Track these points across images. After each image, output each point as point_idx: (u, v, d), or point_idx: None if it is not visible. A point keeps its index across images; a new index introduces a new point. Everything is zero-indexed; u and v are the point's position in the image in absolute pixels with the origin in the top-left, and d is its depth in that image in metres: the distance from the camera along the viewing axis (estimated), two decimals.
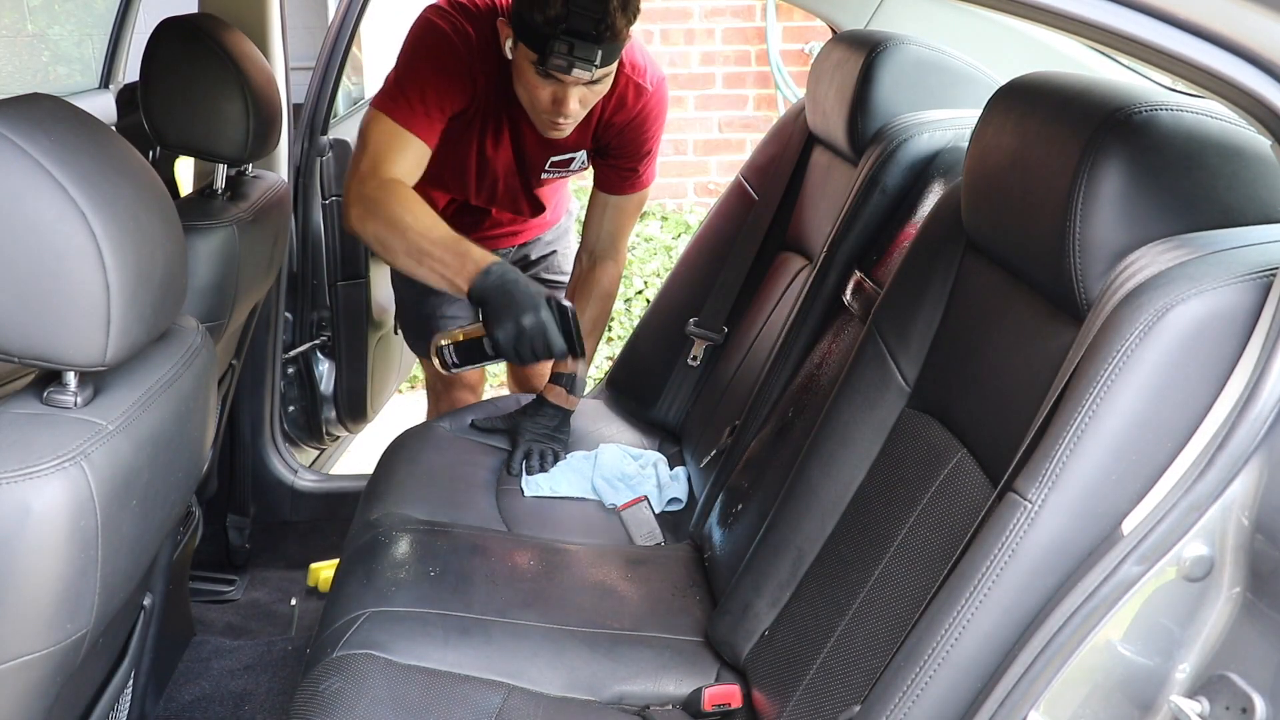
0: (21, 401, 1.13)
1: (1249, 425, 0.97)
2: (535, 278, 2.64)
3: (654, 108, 2.20)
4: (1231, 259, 1.04)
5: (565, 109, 1.98)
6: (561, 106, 1.98)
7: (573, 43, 1.85)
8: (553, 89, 1.96)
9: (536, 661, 1.62)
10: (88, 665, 1.27)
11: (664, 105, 2.22)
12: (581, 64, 1.87)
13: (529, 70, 1.94)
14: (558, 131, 2.06)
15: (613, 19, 1.86)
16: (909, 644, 1.16)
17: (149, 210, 1.13)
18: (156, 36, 1.87)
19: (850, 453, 1.55)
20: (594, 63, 1.88)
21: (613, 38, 1.88)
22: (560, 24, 1.84)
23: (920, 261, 1.54)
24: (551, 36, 1.86)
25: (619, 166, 2.25)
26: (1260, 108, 0.96)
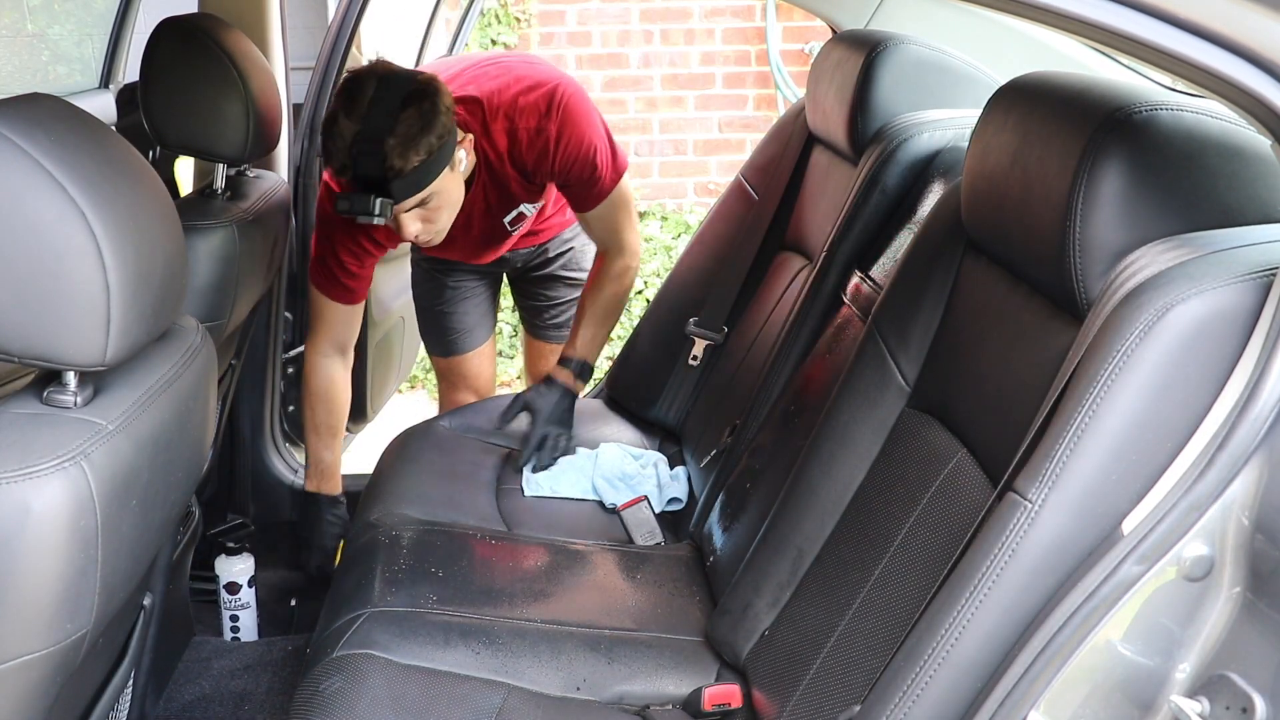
0: (21, 401, 1.13)
1: (1249, 425, 0.97)
2: (552, 275, 2.66)
3: (571, 135, 2.06)
4: (1232, 259, 1.04)
5: (405, 233, 1.95)
6: (402, 232, 1.95)
7: (352, 197, 1.82)
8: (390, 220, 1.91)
9: (536, 661, 1.62)
10: (88, 665, 1.27)
11: (579, 122, 2.06)
12: (365, 216, 1.83)
13: None
14: (428, 243, 2.03)
15: (393, 162, 1.80)
16: (909, 644, 1.16)
17: (149, 210, 1.13)
18: (156, 36, 1.87)
19: (850, 453, 1.55)
20: (374, 213, 1.82)
21: (400, 177, 1.82)
22: (347, 173, 1.82)
23: (920, 261, 1.54)
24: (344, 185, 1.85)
25: (576, 191, 2.17)
26: (1260, 108, 0.96)
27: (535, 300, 2.72)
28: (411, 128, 1.80)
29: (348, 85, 1.84)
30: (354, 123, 1.79)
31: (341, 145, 1.80)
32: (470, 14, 3.98)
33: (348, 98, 1.81)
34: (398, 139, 1.79)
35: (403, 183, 1.83)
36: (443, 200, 1.94)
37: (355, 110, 1.79)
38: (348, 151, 1.80)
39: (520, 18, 5.14)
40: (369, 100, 1.80)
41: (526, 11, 5.13)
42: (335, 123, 1.81)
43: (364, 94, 1.80)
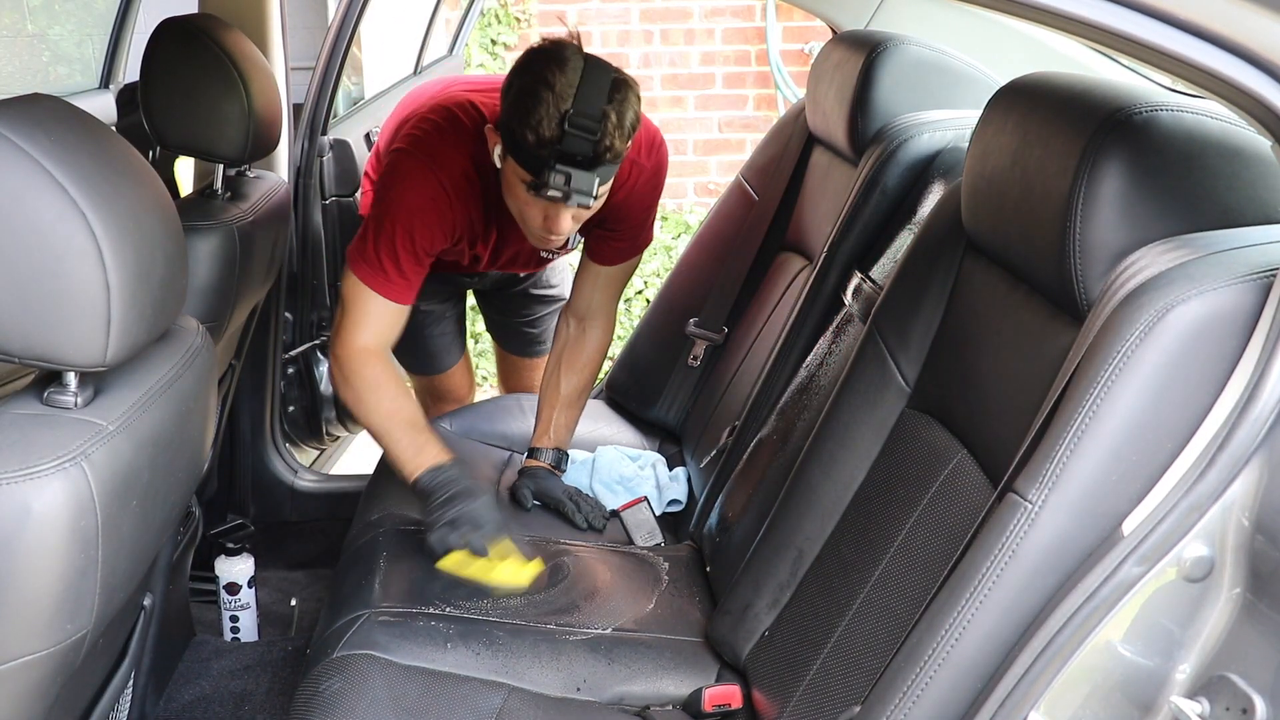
0: (22, 402, 1.13)
1: (1249, 426, 0.97)
2: (524, 293, 2.62)
3: (652, 182, 2.02)
4: (1232, 259, 1.04)
5: (557, 227, 1.81)
6: (554, 225, 1.81)
7: (569, 172, 1.69)
8: (544, 207, 1.79)
9: (536, 661, 1.62)
10: (88, 665, 1.27)
11: (663, 173, 2.05)
12: (579, 195, 1.70)
13: (520, 187, 1.77)
14: (550, 246, 1.95)
15: (611, 141, 1.68)
16: (909, 644, 1.16)
17: (149, 210, 1.13)
18: (156, 36, 1.87)
19: (850, 453, 1.55)
20: (592, 193, 1.71)
21: (611, 160, 1.71)
22: (555, 146, 1.67)
23: (920, 262, 1.54)
24: (545, 161, 1.69)
25: (613, 239, 2.07)
26: (1260, 108, 0.96)
27: (508, 317, 2.71)
28: (625, 110, 1.70)
29: (550, 55, 1.71)
30: (567, 95, 1.66)
31: (551, 117, 1.65)
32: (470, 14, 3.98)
33: (556, 67, 1.68)
34: (616, 118, 1.68)
35: (609, 168, 1.72)
36: (601, 202, 1.81)
37: (567, 82, 1.66)
38: (558, 125, 1.65)
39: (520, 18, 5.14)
40: (580, 75, 1.67)
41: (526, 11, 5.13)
42: (538, 92, 1.66)
43: (573, 66, 1.68)
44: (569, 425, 2.16)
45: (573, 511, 2.04)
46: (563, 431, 2.15)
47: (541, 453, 2.13)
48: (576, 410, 2.17)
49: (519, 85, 1.71)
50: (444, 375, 2.72)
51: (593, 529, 2.03)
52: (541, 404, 2.18)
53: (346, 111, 3.10)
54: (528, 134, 1.67)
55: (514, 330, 2.73)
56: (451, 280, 2.49)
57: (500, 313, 2.73)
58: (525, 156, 1.71)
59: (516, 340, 2.75)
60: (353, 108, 3.24)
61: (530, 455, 2.15)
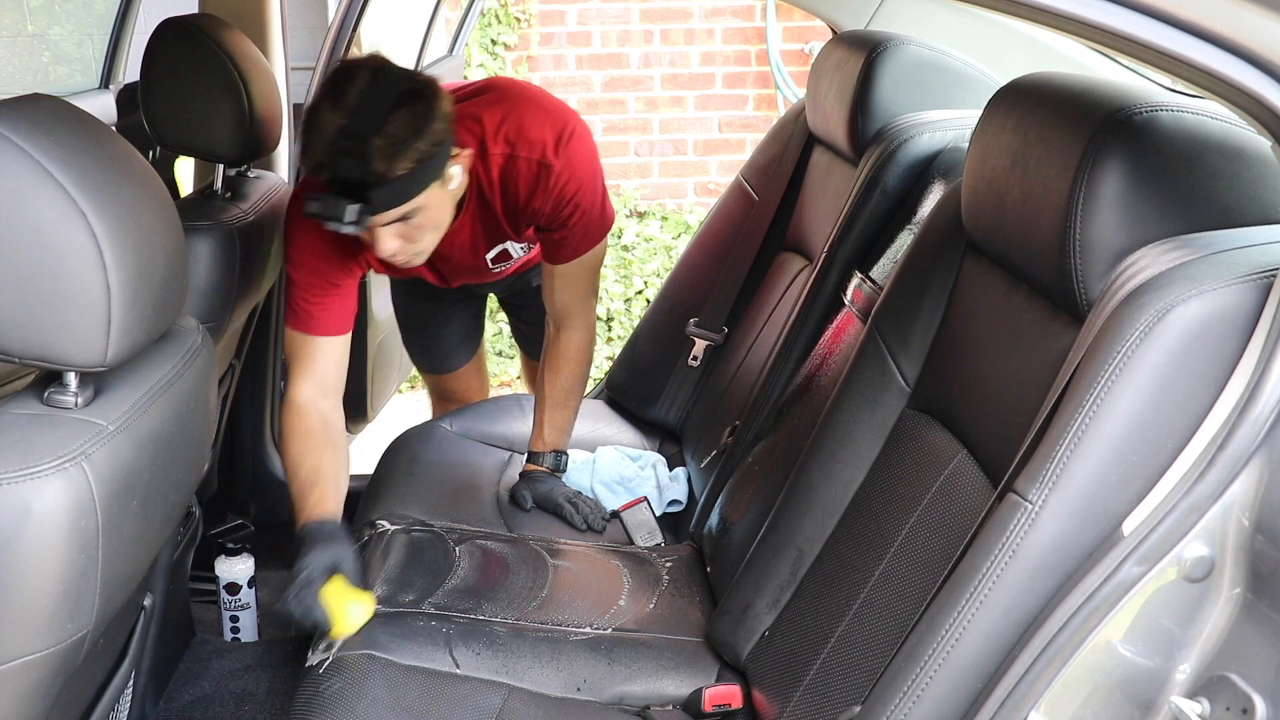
0: (22, 402, 1.13)
1: (1249, 426, 0.97)
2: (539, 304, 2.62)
3: (571, 176, 1.89)
4: (1232, 260, 1.04)
5: (378, 249, 1.74)
6: (376, 248, 1.74)
7: (323, 199, 1.63)
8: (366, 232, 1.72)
9: (537, 662, 1.62)
10: (88, 665, 1.27)
11: (586, 166, 1.91)
12: (333, 221, 1.63)
13: None
14: (403, 265, 1.87)
15: (377, 165, 1.60)
16: (909, 644, 1.16)
17: (149, 210, 1.13)
18: (156, 36, 1.87)
19: (850, 453, 1.55)
20: (345, 220, 1.63)
21: (380, 182, 1.62)
22: (325, 171, 1.62)
23: (920, 262, 1.54)
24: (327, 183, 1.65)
25: (559, 238, 1.98)
26: (1260, 108, 0.96)
27: (530, 326, 2.70)
28: (402, 130, 1.61)
29: (336, 76, 1.65)
30: (339, 117, 1.59)
31: (321, 140, 1.61)
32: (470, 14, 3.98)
33: (335, 89, 1.62)
34: (385, 140, 1.60)
35: (385, 191, 1.63)
36: (427, 218, 1.74)
37: (342, 103, 1.60)
38: (327, 148, 1.60)
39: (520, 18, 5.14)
40: (359, 93, 1.61)
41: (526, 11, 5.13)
42: (317, 114, 1.62)
43: (353, 86, 1.61)
44: (562, 426, 2.14)
45: (571, 514, 2.04)
46: (557, 433, 2.14)
47: (538, 456, 2.13)
48: (568, 411, 2.15)
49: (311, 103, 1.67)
50: (452, 375, 2.72)
51: (592, 530, 2.03)
52: (535, 408, 2.18)
53: None
54: (306, 160, 1.65)
55: (534, 334, 2.73)
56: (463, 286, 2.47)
57: (521, 320, 2.74)
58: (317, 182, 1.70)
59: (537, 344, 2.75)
60: None
61: (529, 459, 2.15)
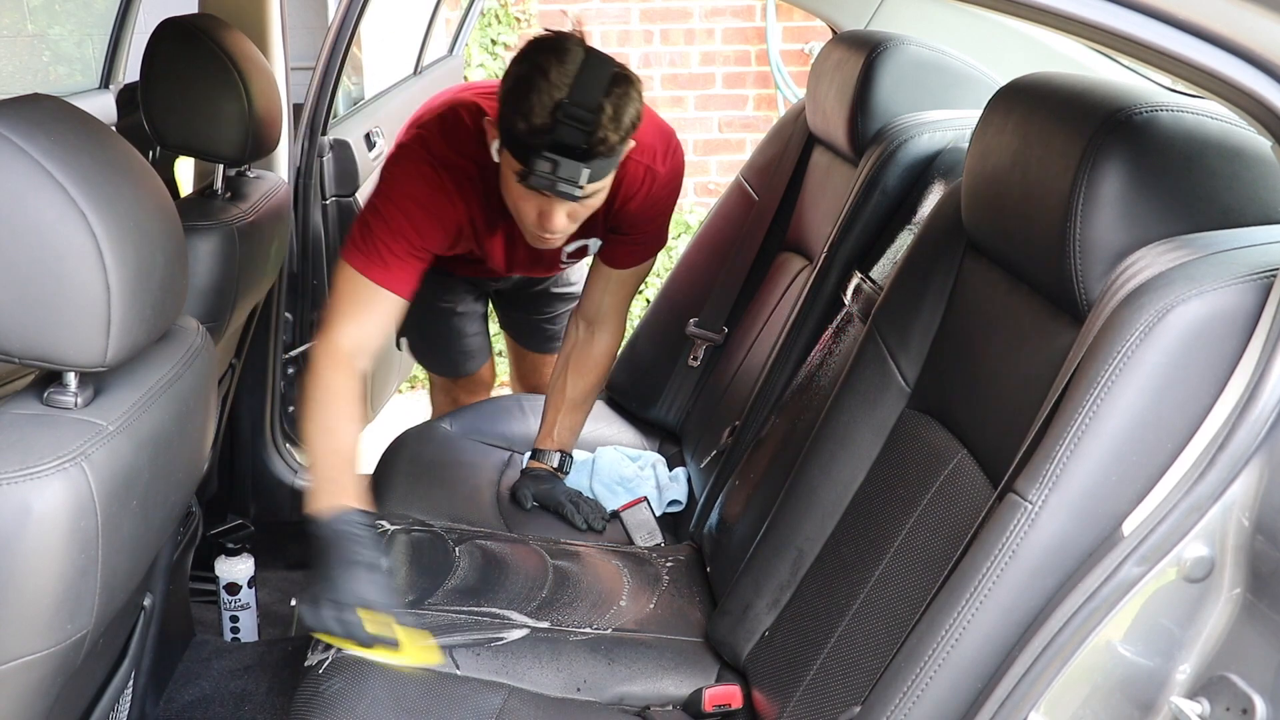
0: (22, 402, 1.13)
1: (1249, 426, 0.97)
2: (545, 292, 2.61)
3: (668, 187, 1.99)
4: (1232, 260, 1.04)
5: (550, 225, 1.77)
6: (546, 222, 1.77)
7: (557, 160, 1.64)
8: (538, 203, 1.75)
9: (537, 662, 1.62)
10: (88, 666, 1.27)
11: (679, 180, 2.01)
12: (566, 184, 1.66)
13: (512, 180, 1.74)
14: (545, 245, 1.89)
15: (604, 133, 1.64)
16: (909, 644, 1.16)
17: (149, 211, 1.13)
18: (156, 36, 1.87)
19: (850, 453, 1.55)
20: (578, 183, 1.66)
21: (605, 153, 1.67)
22: (545, 135, 1.63)
23: (920, 262, 1.54)
24: (535, 149, 1.65)
25: (628, 243, 2.04)
26: (1260, 108, 0.96)
27: (527, 315, 2.70)
28: (623, 104, 1.65)
29: (550, 45, 1.67)
30: (562, 84, 1.62)
31: (544, 105, 1.62)
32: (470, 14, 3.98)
33: (555, 57, 1.64)
34: (613, 111, 1.64)
35: (602, 162, 1.68)
36: (599, 198, 1.78)
37: (562, 71, 1.63)
38: (551, 113, 1.62)
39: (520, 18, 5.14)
40: (579, 64, 1.64)
41: (526, 11, 5.13)
42: (534, 80, 1.63)
43: (570, 58, 1.64)
44: (574, 428, 2.15)
45: (572, 514, 2.04)
46: (567, 434, 2.14)
47: (544, 454, 2.13)
48: (582, 413, 2.16)
49: (515, 74, 1.68)
50: (472, 377, 2.72)
51: (592, 530, 2.03)
52: (547, 405, 2.17)
53: (346, 111, 3.10)
54: (519, 121, 1.65)
55: (532, 326, 2.73)
56: (480, 283, 2.50)
57: (519, 310, 2.72)
58: (517, 145, 1.68)
59: (535, 337, 2.74)
60: (353, 108, 3.24)
61: (533, 456, 2.15)
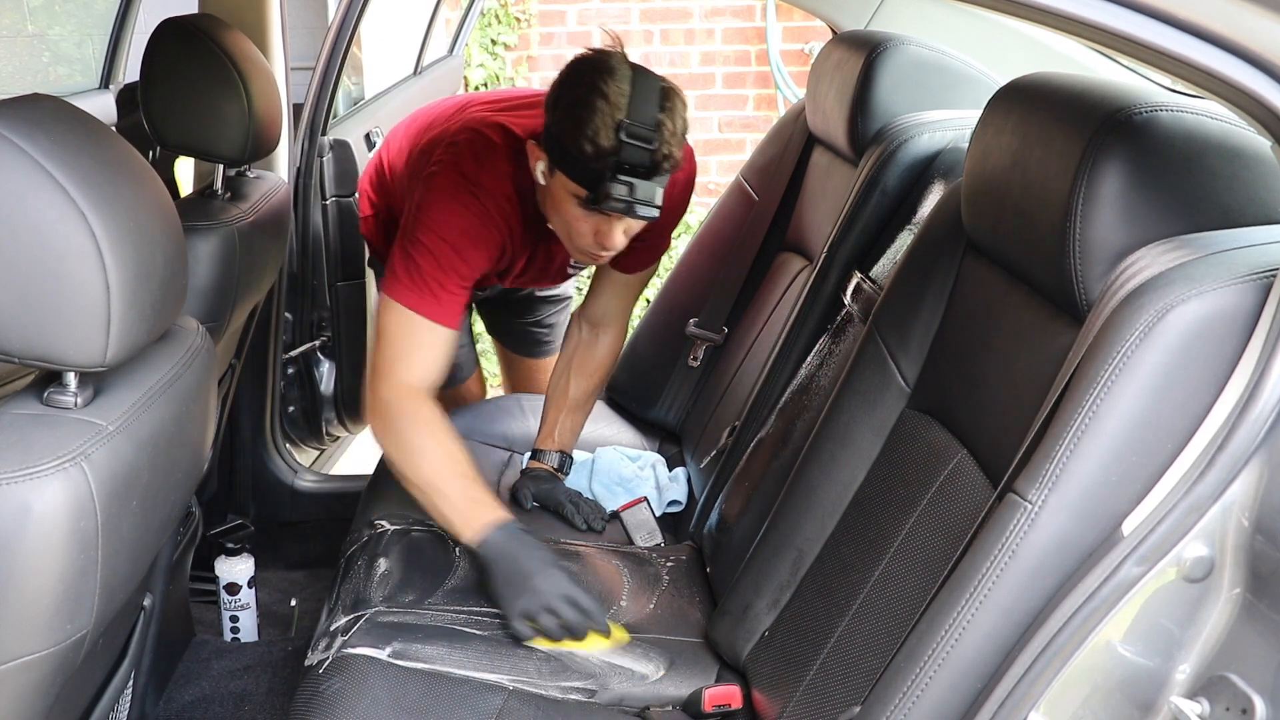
0: (21, 402, 1.13)
1: (1249, 426, 0.97)
2: (530, 296, 2.61)
3: (684, 193, 1.99)
4: (1232, 260, 1.04)
5: (610, 242, 1.74)
6: (605, 240, 1.74)
7: (631, 183, 1.62)
8: (596, 222, 1.72)
9: (536, 662, 1.62)
10: (88, 666, 1.27)
11: (692, 185, 2.02)
12: (644, 205, 1.63)
13: (570, 202, 1.70)
14: (599, 261, 1.88)
15: (669, 150, 1.63)
16: (909, 644, 1.16)
17: (149, 210, 1.13)
18: (156, 36, 1.87)
19: (850, 453, 1.55)
20: (654, 203, 1.64)
21: (670, 168, 1.65)
22: (613, 157, 1.61)
23: (920, 262, 1.54)
24: (603, 173, 1.63)
25: (640, 248, 1.98)
26: (1260, 108, 0.96)
27: (514, 319, 2.70)
28: (680, 120, 1.65)
29: (598, 65, 1.64)
30: (621, 104, 1.60)
31: (608, 127, 1.59)
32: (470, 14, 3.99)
33: (607, 77, 1.61)
34: (671, 125, 1.63)
35: (664, 177, 1.66)
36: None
37: (618, 90, 1.60)
38: (615, 134, 1.59)
39: (520, 18, 5.14)
40: (630, 84, 1.61)
41: (526, 11, 5.13)
42: (593, 103, 1.60)
43: (623, 76, 1.62)
44: (574, 429, 2.15)
45: (572, 514, 2.04)
46: (568, 435, 2.14)
47: (545, 454, 2.12)
48: (583, 414, 2.16)
49: (570, 97, 1.64)
50: (462, 386, 2.72)
51: (592, 530, 2.03)
52: (548, 406, 2.16)
53: (346, 111, 3.10)
54: (585, 145, 1.61)
55: (520, 331, 2.72)
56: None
57: (506, 315, 2.72)
58: (580, 170, 1.65)
59: (523, 342, 2.74)
60: (353, 108, 3.24)
61: (533, 457, 2.14)
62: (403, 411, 1.77)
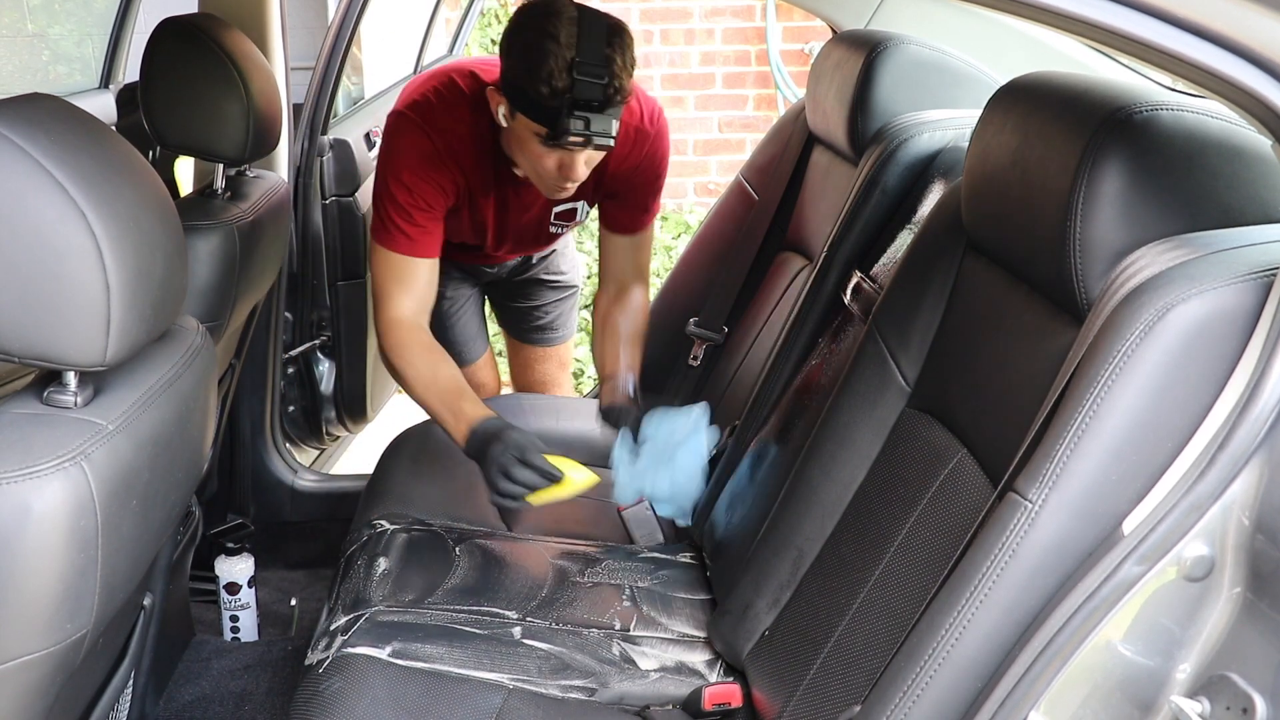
0: (21, 401, 1.13)
1: (1249, 425, 0.97)
2: (534, 279, 2.64)
3: (659, 147, 2.11)
4: (1232, 259, 1.04)
5: (573, 174, 1.88)
6: (569, 172, 1.88)
7: (587, 117, 1.75)
8: (559, 156, 1.85)
9: (536, 661, 1.62)
10: (88, 665, 1.27)
11: (667, 140, 2.13)
12: (600, 136, 1.77)
13: (532, 141, 1.83)
14: (564, 194, 1.98)
15: (619, 82, 1.75)
16: (909, 644, 1.16)
17: (149, 210, 1.13)
18: (156, 36, 1.87)
19: (850, 453, 1.55)
20: (611, 134, 1.78)
21: (621, 100, 1.78)
22: (567, 95, 1.73)
23: (920, 261, 1.54)
24: (560, 110, 1.75)
25: (627, 207, 2.15)
26: (1260, 108, 0.96)
27: (520, 303, 2.72)
28: (627, 53, 1.77)
29: (544, 9, 1.76)
30: (569, 43, 1.72)
31: (561, 66, 1.72)
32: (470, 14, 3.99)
33: (555, 20, 1.74)
34: (622, 61, 1.75)
35: (617, 108, 1.78)
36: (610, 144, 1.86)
37: (564, 32, 1.72)
38: (568, 73, 1.72)
39: None
40: (577, 22, 1.74)
41: None
42: (544, 45, 1.72)
43: (568, 17, 1.75)
44: (636, 361, 2.14)
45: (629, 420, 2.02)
46: (635, 361, 2.14)
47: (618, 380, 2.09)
48: (639, 349, 2.17)
49: (522, 41, 1.77)
50: (472, 367, 2.73)
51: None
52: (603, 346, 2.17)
53: (346, 111, 3.10)
54: (540, 87, 1.73)
55: (525, 315, 2.74)
56: (473, 270, 2.54)
57: (512, 299, 2.73)
58: (537, 110, 1.77)
59: (530, 327, 2.76)
60: (353, 108, 3.24)
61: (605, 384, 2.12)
62: (394, 343, 2.00)
